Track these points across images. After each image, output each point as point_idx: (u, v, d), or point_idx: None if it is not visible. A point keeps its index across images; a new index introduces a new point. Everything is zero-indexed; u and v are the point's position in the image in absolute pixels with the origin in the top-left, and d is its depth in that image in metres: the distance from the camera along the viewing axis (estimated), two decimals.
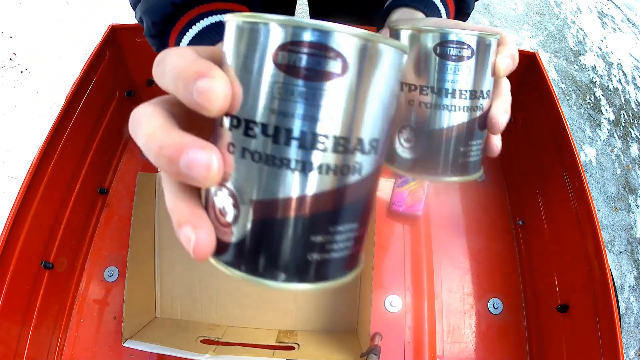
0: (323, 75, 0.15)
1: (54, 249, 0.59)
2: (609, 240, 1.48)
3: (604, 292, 0.48)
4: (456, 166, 0.28)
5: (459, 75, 0.26)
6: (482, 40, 0.26)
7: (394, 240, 0.69)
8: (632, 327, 1.30)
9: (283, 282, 0.17)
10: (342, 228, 0.17)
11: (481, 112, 0.28)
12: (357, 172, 0.17)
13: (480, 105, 0.27)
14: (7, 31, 1.73)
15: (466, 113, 0.27)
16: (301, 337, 0.56)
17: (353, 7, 0.80)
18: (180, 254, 0.60)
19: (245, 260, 0.17)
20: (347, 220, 0.17)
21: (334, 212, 0.17)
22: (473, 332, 0.62)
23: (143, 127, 0.18)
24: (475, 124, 0.28)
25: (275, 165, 0.16)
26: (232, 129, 0.16)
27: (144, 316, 0.57)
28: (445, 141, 0.27)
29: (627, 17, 2.27)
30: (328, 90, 0.15)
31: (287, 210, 0.16)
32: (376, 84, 0.16)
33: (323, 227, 0.17)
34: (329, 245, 0.17)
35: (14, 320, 0.52)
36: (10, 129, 1.50)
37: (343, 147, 0.16)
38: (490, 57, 0.27)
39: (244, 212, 0.17)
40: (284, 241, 0.17)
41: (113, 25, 0.69)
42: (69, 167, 0.63)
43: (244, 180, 0.16)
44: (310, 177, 0.16)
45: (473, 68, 0.26)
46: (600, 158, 1.69)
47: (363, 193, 0.18)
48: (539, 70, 0.66)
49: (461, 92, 0.26)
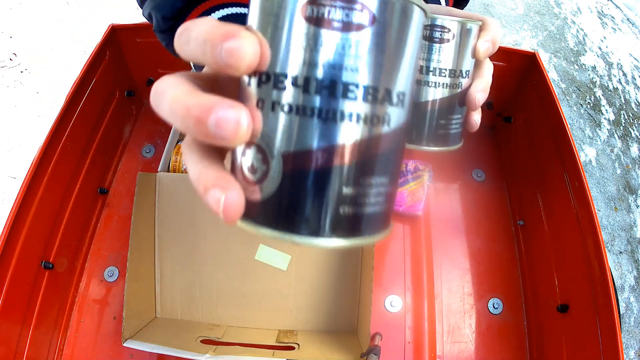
0: (351, 26, 0.16)
1: (54, 249, 0.59)
2: (609, 240, 1.48)
3: (604, 292, 0.48)
4: (436, 137, 0.31)
5: (441, 56, 0.29)
6: (463, 26, 0.29)
7: (394, 240, 0.69)
8: (632, 327, 1.30)
9: (314, 238, 0.17)
10: (373, 181, 0.17)
11: (461, 90, 0.31)
12: (386, 123, 0.17)
13: (460, 83, 0.30)
14: (7, 31, 1.73)
15: (446, 90, 0.30)
16: (301, 337, 0.56)
17: None
18: (180, 254, 0.60)
19: (275, 218, 0.17)
20: (378, 173, 0.17)
21: (365, 163, 0.17)
22: (473, 332, 0.62)
23: (167, 94, 0.17)
24: (454, 100, 0.31)
25: (307, 115, 0.16)
26: (260, 85, 0.16)
27: (144, 316, 0.57)
28: (426, 113, 0.30)
29: (627, 17, 2.27)
30: (356, 41, 0.16)
31: (318, 161, 0.16)
32: (402, 38, 0.17)
33: (354, 178, 0.17)
34: (361, 198, 0.17)
35: (14, 320, 0.52)
36: (10, 129, 1.50)
37: (372, 97, 0.16)
38: (470, 40, 0.29)
39: (274, 167, 0.17)
40: (315, 193, 0.16)
41: (113, 25, 0.69)
42: (69, 167, 0.62)
43: (274, 134, 0.16)
44: (340, 126, 0.16)
45: (454, 50, 0.29)
46: (600, 158, 1.69)
47: (392, 146, 0.18)
48: (539, 70, 0.66)
49: (441, 71, 0.29)
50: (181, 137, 0.67)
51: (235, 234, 0.59)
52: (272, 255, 0.59)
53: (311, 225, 0.17)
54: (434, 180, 0.74)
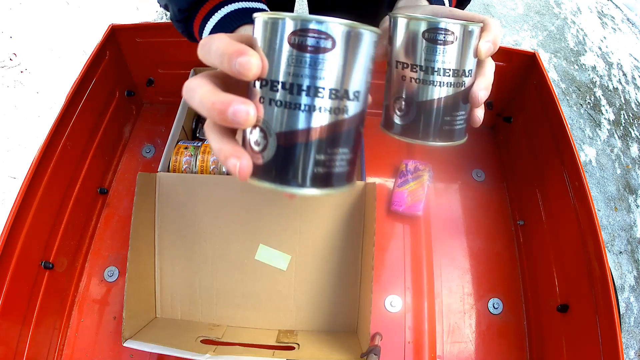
0: (320, 49, 0.23)
1: (54, 249, 0.59)
2: (609, 240, 1.48)
3: (604, 292, 0.48)
4: (442, 133, 0.33)
5: (445, 57, 0.31)
6: (465, 28, 0.31)
7: (394, 240, 0.69)
8: (632, 327, 1.30)
9: (298, 188, 0.25)
10: (338, 150, 0.25)
11: (464, 88, 0.32)
12: (346, 113, 0.25)
13: (463, 82, 0.32)
14: (7, 31, 1.73)
15: (450, 88, 0.32)
16: (301, 337, 0.56)
17: (350, 5, 0.80)
18: (180, 254, 0.60)
19: (272, 175, 0.25)
20: (341, 145, 0.25)
21: (332, 138, 0.25)
22: (473, 332, 0.62)
23: (197, 92, 0.24)
24: (458, 98, 0.33)
25: (292, 108, 0.24)
26: (261, 87, 0.24)
27: (144, 316, 0.57)
28: (432, 111, 0.32)
29: (627, 17, 2.26)
30: (323, 58, 0.23)
31: (300, 138, 0.24)
32: (355, 54, 0.24)
33: (324, 149, 0.25)
34: (329, 162, 0.25)
35: (14, 320, 0.52)
36: (10, 129, 1.50)
37: (335, 95, 0.24)
38: (472, 41, 0.31)
39: (271, 142, 0.25)
40: (298, 159, 0.25)
41: (113, 25, 0.69)
42: (69, 167, 0.62)
43: (271, 120, 0.24)
44: (314, 114, 0.24)
45: (457, 51, 0.31)
46: (600, 158, 1.69)
47: (352, 126, 0.26)
48: (539, 70, 0.66)
49: (445, 71, 0.31)
50: (181, 138, 0.67)
51: (235, 233, 0.59)
52: (272, 255, 0.59)
53: (296, 180, 0.25)
54: (434, 180, 0.74)
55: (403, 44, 0.32)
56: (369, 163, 0.73)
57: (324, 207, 0.58)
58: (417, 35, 0.31)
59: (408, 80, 0.32)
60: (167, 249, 0.60)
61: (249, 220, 0.59)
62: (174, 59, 0.74)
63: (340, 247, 0.59)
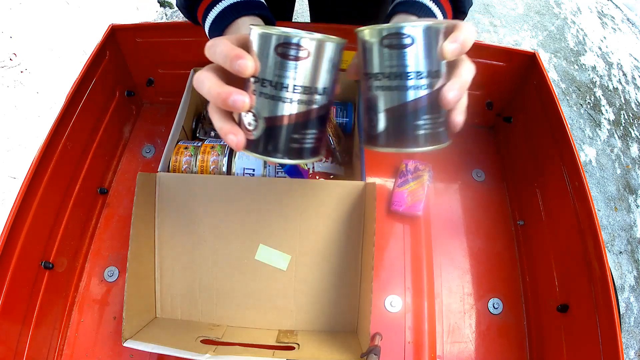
0: (297, 57, 0.31)
1: (54, 249, 0.59)
2: (609, 240, 1.48)
3: (604, 292, 0.48)
4: (418, 138, 0.33)
5: (409, 60, 0.31)
6: (425, 29, 0.31)
7: (394, 240, 0.69)
8: (632, 327, 1.30)
9: (279, 159, 0.33)
10: (308, 131, 0.34)
11: (436, 89, 0.33)
12: (316, 103, 0.33)
13: (432, 83, 0.32)
14: (7, 31, 1.73)
15: (422, 91, 0.32)
16: (301, 337, 0.56)
17: (351, 7, 0.80)
18: (180, 254, 0.60)
19: (260, 148, 0.33)
20: (311, 127, 0.33)
21: (304, 122, 0.33)
22: (473, 332, 0.62)
23: (205, 83, 0.32)
24: (430, 100, 0.33)
25: (275, 99, 0.32)
26: (254, 83, 0.32)
27: (144, 316, 0.57)
28: (403, 116, 0.33)
29: (627, 17, 2.26)
30: (300, 64, 0.31)
31: (281, 121, 0.32)
32: (323, 61, 0.32)
33: (299, 130, 0.33)
34: (302, 139, 0.33)
35: (14, 320, 0.52)
36: (10, 129, 1.50)
37: (308, 91, 0.32)
38: (434, 42, 0.31)
39: (260, 123, 0.33)
40: (279, 137, 0.33)
41: (113, 25, 0.69)
42: (69, 167, 0.63)
43: (260, 107, 0.32)
44: (292, 105, 0.32)
45: (422, 52, 0.31)
46: (600, 158, 1.69)
47: (320, 114, 0.34)
48: (539, 70, 0.66)
49: (408, 74, 0.32)
50: (181, 138, 0.67)
51: (235, 233, 0.59)
52: (272, 255, 0.59)
53: (277, 152, 0.33)
54: (434, 180, 0.74)
55: (368, 56, 0.33)
56: (369, 163, 0.73)
57: (324, 207, 0.58)
58: (375, 43, 0.32)
59: (381, 89, 0.33)
60: (167, 249, 0.60)
61: (249, 220, 0.59)
62: (174, 59, 0.74)
63: (340, 247, 0.59)
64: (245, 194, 0.59)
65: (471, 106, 0.85)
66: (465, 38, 0.32)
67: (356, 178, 0.62)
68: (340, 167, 0.72)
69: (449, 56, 0.32)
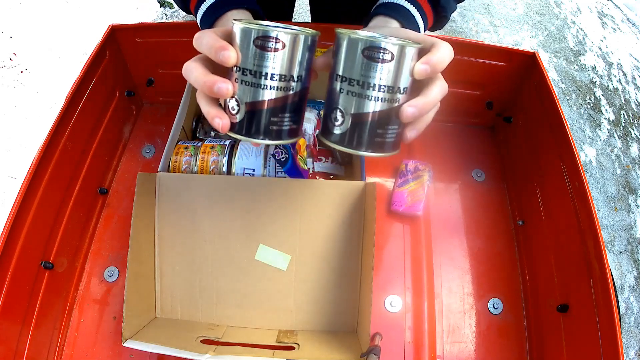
0: (274, 49, 0.34)
1: (54, 249, 0.59)
2: (609, 240, 1.48)
3: (604, 292, 0.48)
4: (374, 144, 0.36)
5: (381, 74, 0.33)
6: (402, 48, 0.33)
7: (394, 240, 0.69)
8: (632, 327, 1.30)
9: (260, 140, 0.37)
10: (286, 115, 0.37)
11: (398, 104, 0.35)
12: (292, 89, 0.36)
13: (397, 99, 0.35)
14: (7, 31, 1.73)
15: (385, 103, 0.35)
16: (301, 337, 0.56)
17: (351, 5, 0.80)
18: (180, 254, 0.60)
19: (243, 130, 0.37)
20: (289, 111, 0.37)
21: (282, 107, 0.36)
22: (473, 332, 0.62)
23: (192, 72, 0.35)
24: (391, 113, 0.35)
25: (255, 87, 0.35)
26: (236, 72, 0.35)
27: (144, 316, 0.57)
28: (366, 123, 0.35)
29: (627, 17, 2.27)
30: (277, 55, 0.34)
31: (261, 106, 0.36)
32: (298, 51, 0.35)
33: (277, 113, 0.37)
34: (280, 122, 0.37)
35: (14, 320, 0.52)
36: (10, 129, 1.50)
37: (284, 79, 0.36)
38: (408, 61, 0.34)
39: (242, 108, 0.36)
40: (260, 120, 0.36)
41: (113, 25, 0.69)
42: (69, 167, 0.63)
43: (241, 93, 0.36)
44: (271, 91, 0.36)
45: (393, 69, 0.33)
46: (600, 158, 1.69)
47: (296, 99, 0.37)
48: (539, 70, 0.66)
49: (380, 87, 0.34)
50: (181, 138, 0.67)
51: (235, 233, 0.59)
52: (272, 255, 0.59)
53: (259, 134, 0.37)
54: (434, 180, 0.74)
55: (343, 59, 0.35)
56: (369, 163, 0.73)
57: (324, 207, 0.58)
58: (357, 52, 0.34)
59: (346, 92, 0.35)
60: (167, 249, 0.60)
61: (249, 220, 0.59)
62: (174, 59, 0.74)
63: (340, 247, 0.59)
64: (245, 194, 0.59)
65: (471, 106, 0.85)
66: (437, 60, 0.33)
67: (356, 178, 0.62)
68: (340, 167, 0.72)
69: (417, 76, 0.34)
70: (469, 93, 0.76)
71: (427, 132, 0.39)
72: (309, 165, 0.69)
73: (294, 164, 0.61)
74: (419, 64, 0.33)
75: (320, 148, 0.72)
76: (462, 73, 0.72)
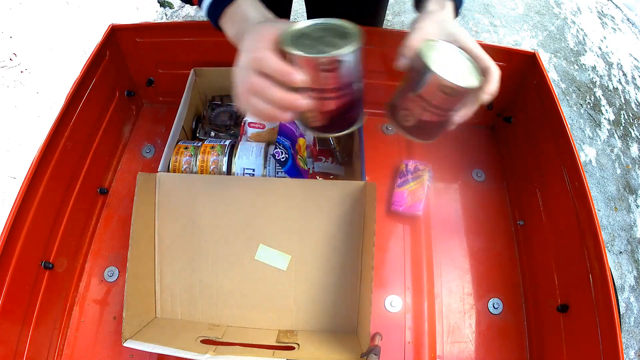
0: (336, 69, 0.37)
1: (54, 249, 0.59)
2: (609, 240, 1.48)
3: (604, 292, 0.48)
4: (341, 124, 0.44)
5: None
6: (470, 91, 0.40)
7: (394, 240, 0.69)
8: (632, 327, 1.30)
9: (332, 134, 0.45)
10: (352, 110, 0.42)
11: (356, 94, 0.41)
12: (354, 92, 0.41)
13: (450, 114, 0.43)
14: (7, 31, 1.72)
15: (441, 117, 0.43)
16: (301, 337, 0.56)
17: (350, 7, 0.80)
18: (180, 253, 0.60)
19: (315, 130, 0.44)
20: (355, 107, 0.42)
21: (349, 106, 0.42)
22: (473, 332, 0.62)
23: (269, 90, 0.37)
24: (445, 122, 0.44)
25: (322, 99, 0.39)
26: (303, 89, 0.38)
27: (144, 316, 0.57)
28: (334, 116, 0.42)
29: (627, 17, 2.26)
30: (339, 71, 0.37)
31: (330, 111, 0.41)
32: (356, 61, 0.38)
33: (344, 112, 0.42)
34: (348, 116, 0.43)
35: (14, 320, 0.52)
36: (10, 129, 1.50)
37: (344, 88, 0.39)
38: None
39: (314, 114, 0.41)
40: (332, 120, 0.42)
41: (113, 25, 0.69)
42: (69, 167, 0.62)
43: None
44: (337, 100, 0.41)
45: (459, 100, 0.41)
46: (600, 158, 1.69)
47: (359, 95, 0.42)
48: (539, 70, 0.66)
49: (447, 110, 0.42)
50: (181, 138, 0.67)
51: (235, 233, 0.59)
52: (272, 255, 0.59)
53: (333, 129, 0.44)
54: (434, 180, 0.74)
55: (424, 86, 0.40)
56: (369, 163, 0.73)
57: (324, 207, 0.58)
58: (436, 89, 0.39)
59: (422, 108, 0.42)
60: (167, 249, 0.60)
61: (249, 220, 0.59)
62: (174, 59, 0.74)
63: (340, 247, 0.59)
64: (245, 194, 0.59)
65: None
66: (495, 89, 0.45)
67: (356, 178, 0.62)
68: (340, 167, 0.72)
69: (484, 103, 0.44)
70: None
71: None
72: (309, 165, 0.69)
73: (294, 164, 0.61)
74: (486, 95, 0.43)
75: (321, 148, 0.72)
76: None
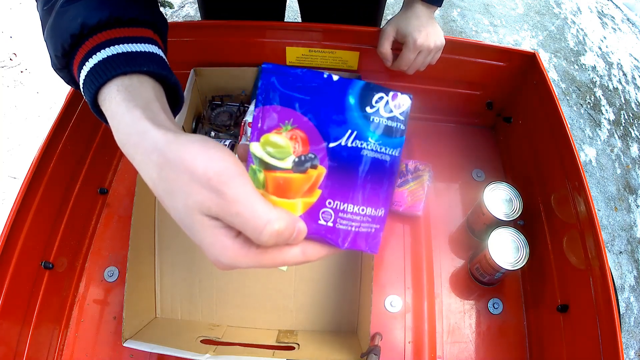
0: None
1: (54, 249, 0.59)
2: (609, 240, 1.48)
3: (604, 292, 0.48)
4: None
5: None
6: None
7: (394, 240, 0.69)
8: (632, 327, 1.30)
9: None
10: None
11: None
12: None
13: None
14: (7, 31, 1.73)
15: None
16: (301, 337, 0.56)
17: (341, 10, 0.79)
18: (180, 254, 0.60)
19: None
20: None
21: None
22: (473, 332, 0.62)
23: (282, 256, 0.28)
24: None
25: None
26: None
27: (144, 316, 0.57)
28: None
29: (627, 17, 2.26)
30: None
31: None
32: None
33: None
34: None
35: (14, 320, 0.52)
36: (10, 129, 1.50)
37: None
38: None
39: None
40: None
41: None
42: (69, 167, 0.62)
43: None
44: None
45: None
46: (600, 158, 1.69)
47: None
48: (539, 70, 0.66)
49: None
50: None
51: None
52: None
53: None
54: (434, 180, 0.74)
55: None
56: None
57: None
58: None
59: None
60: (167, 249, 0.60)
61: None
62: (174, 59, 0.73)
63: None
64: None
65: (471, 106, 0.85)
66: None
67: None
68: None
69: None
70: (469, 93, 0.76)
71: (427, 132, 0.39)
72: None
73: None
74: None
75: None
76: (463, 73, 0.72)
